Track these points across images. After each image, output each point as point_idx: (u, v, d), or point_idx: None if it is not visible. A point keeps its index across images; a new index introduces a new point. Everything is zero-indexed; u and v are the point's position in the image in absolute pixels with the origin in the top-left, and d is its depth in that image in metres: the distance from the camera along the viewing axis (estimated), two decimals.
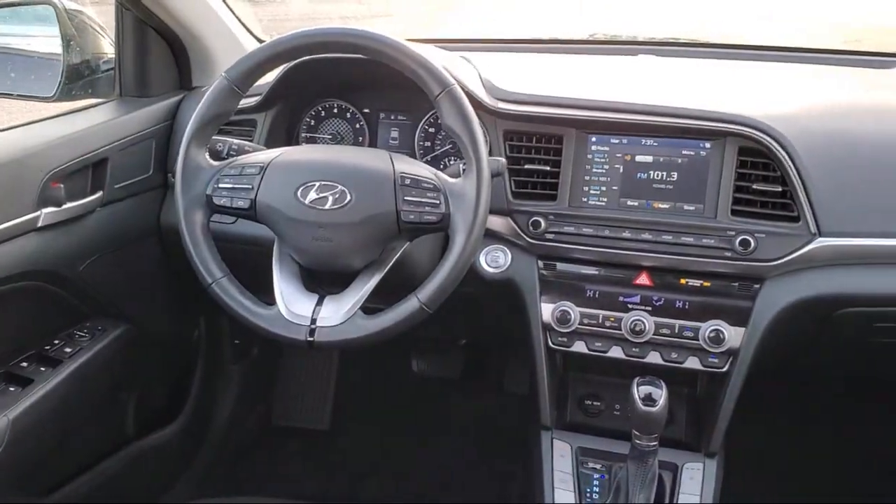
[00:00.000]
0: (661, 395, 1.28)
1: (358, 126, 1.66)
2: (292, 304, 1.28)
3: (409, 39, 1.37)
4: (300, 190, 1.26)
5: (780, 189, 1.36)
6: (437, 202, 1.24)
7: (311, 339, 1.25)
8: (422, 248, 1.42)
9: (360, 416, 2.43)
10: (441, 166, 1.60)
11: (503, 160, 1.36)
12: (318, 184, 1.25)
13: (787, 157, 1.34)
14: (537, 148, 1.49)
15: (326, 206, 1.24)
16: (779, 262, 1.37)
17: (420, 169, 1.28)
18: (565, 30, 2.17)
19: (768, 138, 1.35)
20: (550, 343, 1.49)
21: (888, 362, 1.63)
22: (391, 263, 1.30)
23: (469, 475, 2.19)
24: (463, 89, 1.35)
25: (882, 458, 2.06)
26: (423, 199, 1.24)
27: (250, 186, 1.28)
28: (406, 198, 1.24)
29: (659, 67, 1.77)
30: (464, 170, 1.26)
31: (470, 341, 2.33)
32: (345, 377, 2.46)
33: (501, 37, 2.13)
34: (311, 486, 2.22)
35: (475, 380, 2.43)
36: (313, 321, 1.25)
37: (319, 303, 1.27)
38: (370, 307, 1.28)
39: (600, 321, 1.45)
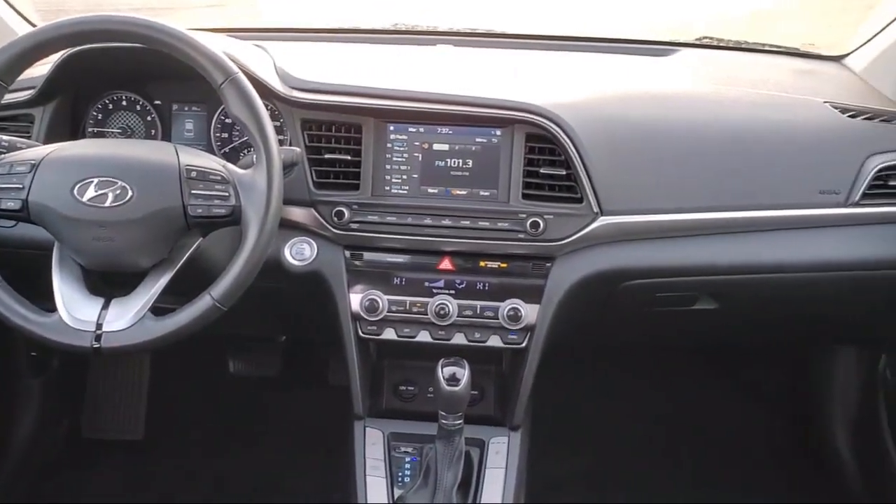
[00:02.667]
0: (464, 374, 1.32)
1: (149, 119, 1.59)
2: (75, 309, 1.20)
3: (197, 29, 1.33)
4: (77, 187, 1.19)
5: (564, 172, 1.44)
6: (227, 194, 1.21)
7: (97, 345, 1.19)
8: (220, 244, 1.38)
9: (177, 422, 2.33)
10: (240, 158, 1.55)
11: (298, 150, 1.35)
12: (96, 180, 1.19)
13: (569, 142, 1.42)
14: (337, 137, 1.48)
15: (106, 204, 1.18)
16: (566, 241, 1.44)
17: (207, 161, 1.25)
18: (368, 19, 2.16)
19: (552, 125, 1.42)
20: (360, 332, 1.50)
21: (671, 330, 1.77)
22: (183, 261, 1.26)
23: (293, 475, 2.17)
24: (253, 78, 1.33)
25: (678, 417, 2.24)
26: (212, 192, 1.21)
27: (21, 186, 1.19)
28: (193, 191, 1.20)
29: (456, 57, 1.81)
30: (255, 160, 1.24)
31: (288, 337, 2.29)
32: (158, 383, 2.35)
33: (301, 26, 2.09)
34: (125, 500, 2.11)
35: (297, 376, 2.40)
36: (98, 326, 1.19)
37: (105, 306, 1.21)
38: (164, 307, 1.24)
39: (407, 307, 1.48)
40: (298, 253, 1.48)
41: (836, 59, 1.81)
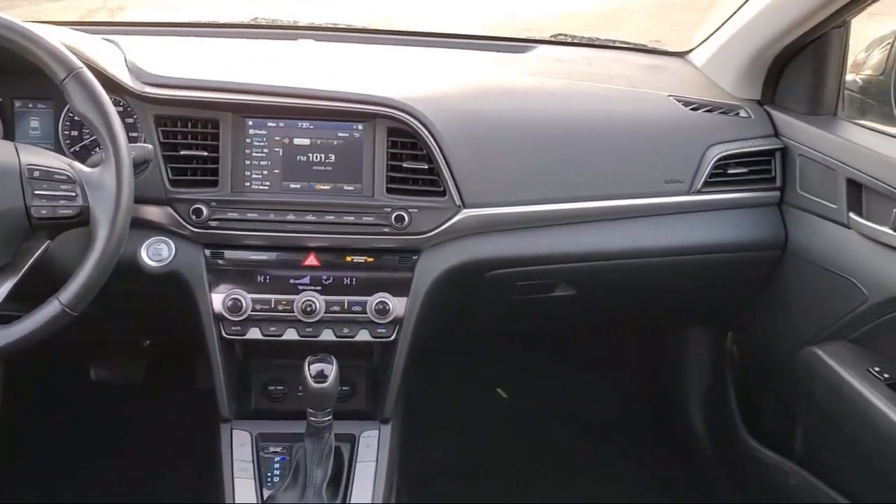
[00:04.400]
0: (331, 370, 1.32)
1: None
2: None
3: (39, 21, 1.27)
4: None
5: (426, 166, 1.46)
6: (73, 195, 1.16)
7: None
8: (71, 246, 1.31)
9: (34, 438, 2.20)
10: (91, 156, 1.49)
11: (149, 146, 1.31)
12: None
13: (430, 136, 1.44)
14: (193, 133, 1.45)
15: None
16: (431, 233, 1.47)
17: (51, 159, 1.19)
18: (227, 13, 2.12)
19: (412, 119, 1.44)
20: (224, 333, 1.46)
21: (533, 316, 1.83)
22: (28, 265, 1.20)
23: (162, 482, 2.09)
24: (101, 73, 1.28)
25: (546, 403, 2.32)
26: (57, 193, 1.16)
27: None
28: (36, 192, 1.15)
29: (317, 52, 1.80)
30: (103, 158, 1.19)
31: (152, 341, 2.21)
32: (11, 396, 2.21)
33: (157, 20, 2.03)
34: None
35: (164, 381, 2.32)
36: None
37: None
38: (10, 315, 1.17)
39: (273, 305, 1.46)
40: (155, 253, 1.44)
41: (680, 54, 1.92)
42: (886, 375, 1.41)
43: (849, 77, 1.65)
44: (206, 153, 1.44)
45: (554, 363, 2.33)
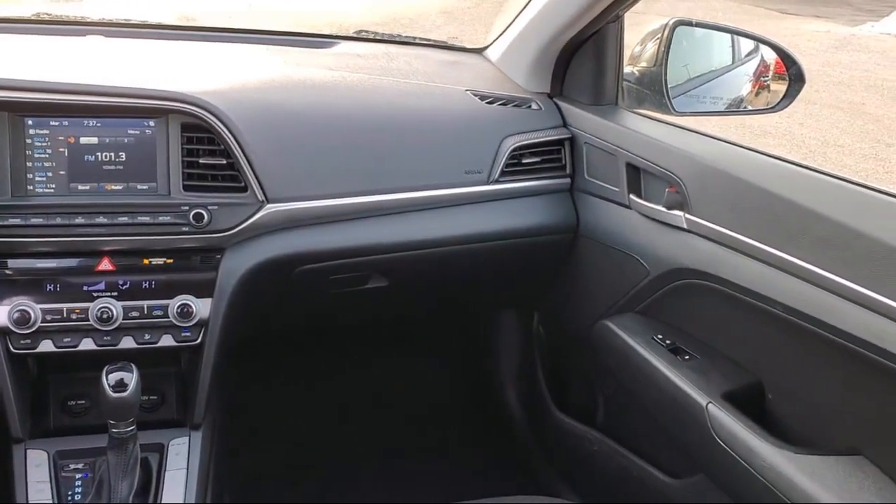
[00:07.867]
0: (132, 378, 1.27)
1: None
2: None
3: None
4: None
5: (225, 162, 1.43)
6: None
7: None
8: None
9: None
10: None
11: None
12: None
13: (226, 131, 1.41)
14: None
15: None
16: (233, 231, 1.44)
17: None
18: (5, 8, 1.97)
19: (207, 114, 1.41)
20: (12, 348, 1.37)
21: (351, 309, 1.84)
22: None
23: None
24: None
25: (374, 395, 2.34)
26: None
27: None
28: None
29: (107, 48, 1.72)
30: None
31: None
32: None
33: None
34: None
35: None
36: None
37: None
38: None
39: (65, 315, 1.38)
40: None
41: (478, 51, 1.99)
42: (668, 342, 1.54)
43: (628, 69, 1.78)
44: None
45: (380, 354, 2.36)
